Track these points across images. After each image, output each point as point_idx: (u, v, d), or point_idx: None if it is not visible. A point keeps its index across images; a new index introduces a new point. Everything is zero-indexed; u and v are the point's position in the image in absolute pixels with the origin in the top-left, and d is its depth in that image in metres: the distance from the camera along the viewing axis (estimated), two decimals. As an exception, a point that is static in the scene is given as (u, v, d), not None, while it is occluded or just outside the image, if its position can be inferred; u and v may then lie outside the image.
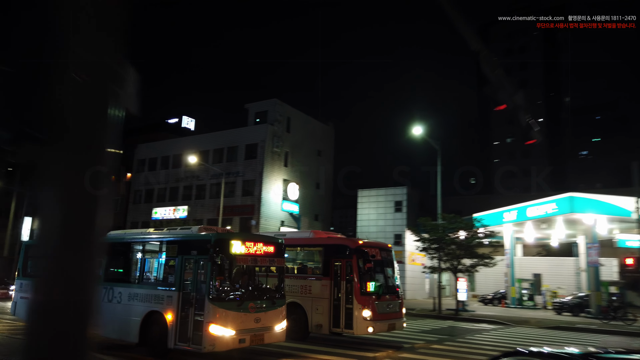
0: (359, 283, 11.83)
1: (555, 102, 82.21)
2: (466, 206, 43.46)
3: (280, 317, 10.11)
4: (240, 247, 9.53)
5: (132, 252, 11.35)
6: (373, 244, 13.49)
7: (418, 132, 25.21)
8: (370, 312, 11.69)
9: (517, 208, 30.07)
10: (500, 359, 4.68)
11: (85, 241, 2.14)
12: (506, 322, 20.41)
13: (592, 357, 4.11)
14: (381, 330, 12.36)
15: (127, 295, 10.53)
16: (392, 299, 12.71)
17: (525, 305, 31.06)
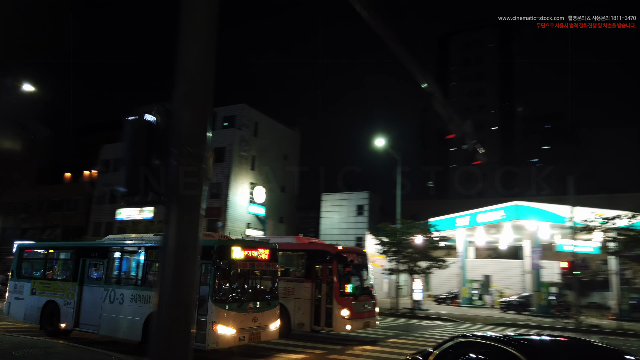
0: (339, 285, 13.04)
1: (509, 111, 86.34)
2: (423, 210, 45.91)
3: (275, 316, 10.97)
4: (240, 253, 10.34)
5: (135, 256, 11.94)
6: (351, 250, 14.83)
7: (380, 144, 27.09)
8: (349, 312, 12.91)
9: (469, 214, 32.46)
10: (449, 342, 5.68)
11: (190, 262, 3.58)
12: (456, 320, 22.50)
13: (517, 337, 5.28)
14: (357, 328, 13.59)
15: (130, 296, 11.13)
16: (367, 300, 14.00)
17: (475, 305, 33.50)
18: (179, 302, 3.50)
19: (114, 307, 11.31)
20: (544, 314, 26.47)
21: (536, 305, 27.50)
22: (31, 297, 13.02)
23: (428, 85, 9.65)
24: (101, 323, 11.46)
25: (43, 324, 12.70)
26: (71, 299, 12.21)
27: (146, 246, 11.78)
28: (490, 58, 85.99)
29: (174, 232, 3.56)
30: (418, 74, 9.34)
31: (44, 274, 13.47)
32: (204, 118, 3.76)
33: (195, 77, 3.77)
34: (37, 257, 14.25)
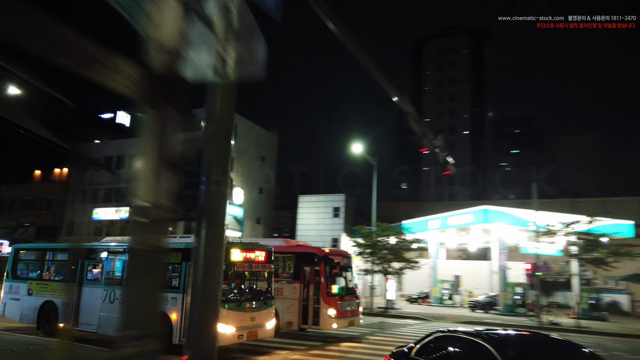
0: (326, 286, 13.71)
1: (480, 116, 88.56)
2: (397, 212, 47.31)
3: (271, 315, 11.47)
4: (239, 255, 10.86)
5: None
6: (337, 252, 15.41)
7: (357, 150, 28.09)
8: (335, 311, 13.60)
9: (441, 217, 33.79)
10: (429, 337, 6.32)
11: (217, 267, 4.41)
12: (427, 318, 23.67)
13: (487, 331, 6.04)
14: (343, 327, 14.27)
15: None
16: (352, 300, 14.74)
17: (446, 304, 34.87)
18: (208, 302, 4.33)
19: (114, 307, 11.68)
20: (510, 313, 27.98)
21: (502, 304, 28.99)
22: (28, 297, 13.31)
23: (404, 106, 10.66)
24: (101, 322, 11.80)
25: (40, 323, 12.98)
26: (70, 300, 12.58)
27: None
28: (463, 64, 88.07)
29: (203, 244, 4.39)
30: (395, 95, 10.31)
31: (41, 274, 13.75)
32: (226, 152, 4.60)
33: (219, 121, 4.61)
34: (33, 259, 14.47)
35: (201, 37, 2.32)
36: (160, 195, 2.04)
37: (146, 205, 2.03)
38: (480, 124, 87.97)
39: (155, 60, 2.05)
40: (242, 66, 2.42)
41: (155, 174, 2.03)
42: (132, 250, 2.01)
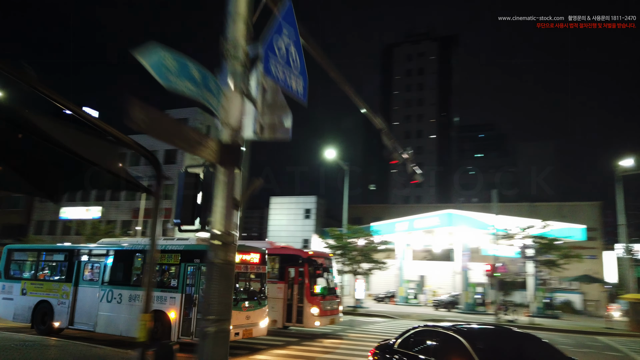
0: (309, 286, 14.44)
1: (446, 121, 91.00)
2: (366, 214, 48.82)
3: (264, 314, 11.90)
4: (236, 257, 11.57)
5: (133, 259, 12.47)
6: (319, 254, 16.12)
7: (330, 155, 29.25)
8: (318, 310, 14.32)
9: (408, 220, 35.34)
10: (410, 331, 6.94)
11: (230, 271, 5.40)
12: (394, 316, 25.00)
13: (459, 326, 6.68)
14: (325, 324, 15.00)
15: (128, 296, 11.85)
16: (333, 299, 15.49)
17: (411, 303, 36.47)
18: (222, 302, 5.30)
19: (112, 306, 11.98)
20: (470, 311, 29.72)
21: (464, 303, 30.70)
22: (21, 297, 13.61)
23: (378, 124, 11.80)
24: (98, 321, 12.08)
25: (35, 323, 13.26)
26: (66, 299, 12.84)
27: (144, 249, 12.35)
28: (431, 70, 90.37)
29: None
30: (369, 114, 11.42)
31: (35, 275, 14.02)
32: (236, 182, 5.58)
33: None
34: (27, 259, 14.67)
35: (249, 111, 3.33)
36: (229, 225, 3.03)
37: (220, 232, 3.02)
38: (447, 129, 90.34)
39: (225, 135, 3.05)
40: (274, 131, 3.43)
41: (226, 211, 3.03)
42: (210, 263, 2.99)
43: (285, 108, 3.43)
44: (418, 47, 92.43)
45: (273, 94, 3.39)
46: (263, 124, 3.34)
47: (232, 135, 3.07)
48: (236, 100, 3.07)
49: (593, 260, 45.96)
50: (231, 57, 3.10)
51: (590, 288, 41.42)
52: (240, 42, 3.12)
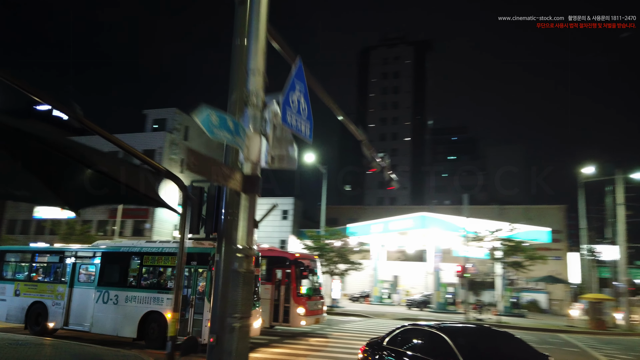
0: (295, 287, 14.92)
1: (420, 124, 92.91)
2: (342, 215, 49.75)
3: (257, 315, 12.15)
4: None
5: (130, 261, 12.70)
6: (305, 256, 16.67)
7: (309, 159, 30.01)
8: (304, 310, 14.81)
9: (383, 222, 36.41)
10: (397, 329, 7.37)
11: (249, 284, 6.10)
12: (369, 315, 25.96)
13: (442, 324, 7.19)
14: (310, 324, 15.51)
15: (124, 297, 12.05)
16: (318, 299, 16.07)
17: (385, 302, 37.57)
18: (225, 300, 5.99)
19: (107, 307, 12.20)
20: (442, 310, 30.94)
21: (436, 302, 31.92)
22: (15, 298, 13.74)
23: (358, 135, 12.62)
24: (94, 322, 12.28)
25: (29, 323, 13.34)
26: (60, 300, 13.00)
27: (142, 252, 12.63)
28: (406, 74, 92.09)
29: (222, 256, 6.03)
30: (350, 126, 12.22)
31: (29, 276, 14.14)
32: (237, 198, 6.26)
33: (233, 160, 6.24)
34: (20, 261, 14.74)
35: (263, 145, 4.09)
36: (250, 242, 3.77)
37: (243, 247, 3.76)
38: (421, 131, 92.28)
39: (246, 168, 3.79)
40: (283, 161, 4.19)
41: (247, 230, 3.77)
42: (235, 271, 3.73)
43: (292, 142, 4.18)
44: (394, 50, 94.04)
45: (282, 131, 4.14)
46: (274, 156, 4.08)
47: (252, 168, 3.80)
48: (255, 139, 3.81)
49: (558, 261, 48.04)
50: (252, 106, 3.84)
51: (555, 288, 43.29)
52: (259, 93, 3.86)
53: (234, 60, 6.15)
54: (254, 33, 4.16)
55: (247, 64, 4.01)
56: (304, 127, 4.18)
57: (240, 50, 6.19)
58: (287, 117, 3.96)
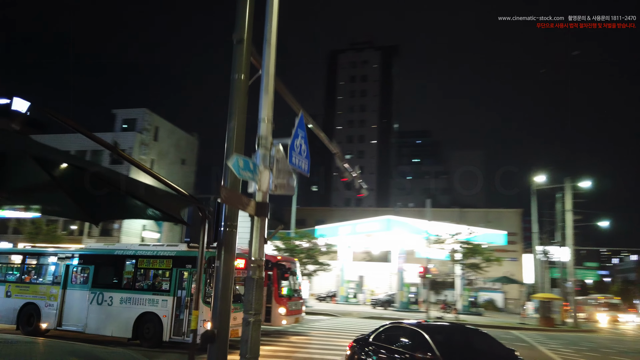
0: (277, 288, 15.51)
1: (386, 127, 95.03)
2: (310, 216, 50.95)
3: None
4: None
5: (125, 263, 12.93)
6: (286, 259, 17.24)
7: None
8: (285, 310, 15.39)
9: (350, 224, 37.75)
10: (381, 327, 7.98)
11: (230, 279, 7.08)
12: (336, 314, 27.16)
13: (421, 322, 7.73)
14: (290, 323, 15.89)
15: (119, 299, 12.33)
16: (298, 300, 16.77)
17: (351, 302, 38.92)
18: (225, 300, 6.96)
19: (102, 308, 12.46)
20: (405, 309, 32.50)
21: (399, 301, 33.47)
22: (6, 299, 13.84)
23: (332, 148, 13.78)
24: (88, 322, 12.51)
25: (20, 324, 13.49)
26: (54, 301, 13.18)
27: (136, 254, 12.91)
28: (373, 77, 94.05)
29: (222, 263, 7.01)
30: (325, 141, 13.36)
31: (21, 277, 14.24)
32: (235, 211, 7.23)
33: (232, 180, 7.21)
34: (11, 262, 14.81)
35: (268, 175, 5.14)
36: (261, 255, 4.79)
37: (255, 259, 4.79)
38: (387, 134, 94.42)
39: (258, 197, 4.83)
40: (284, 188, 5.23)
41: (259, 245, 4.80)
42: (250, 278, 4.74)
43: (291, 173, 5.21)
44: (362, 54, 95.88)
45: (283, 164, 5.19)
46: (276, 184, 5.09)
47: (263, 196, 4.82)
48: (265, 174, 4.83)
49: (514, 262, 50.72)
50: (263, 147, 4.87)
51: (510, 288, 45.75)
52: (268, 138, 4.87)
53: (232, 92, 7.18)
54: (264, 89, 5.16)
55: (259, 113, 5.03)
56: (304, 164, 5.24)
57: (238, 84, 7.22)
58: (293, 159, 5.00)
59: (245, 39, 7.38)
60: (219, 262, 6.98)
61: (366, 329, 19.67)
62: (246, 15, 7.41)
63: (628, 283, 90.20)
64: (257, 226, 4.80)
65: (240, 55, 7.34)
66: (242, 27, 7.41)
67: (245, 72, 7.27)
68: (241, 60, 7.32)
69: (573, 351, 16.48)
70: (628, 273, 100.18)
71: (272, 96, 5.22)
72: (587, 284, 73.04)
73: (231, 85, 7.22)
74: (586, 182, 29.33)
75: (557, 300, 28.72)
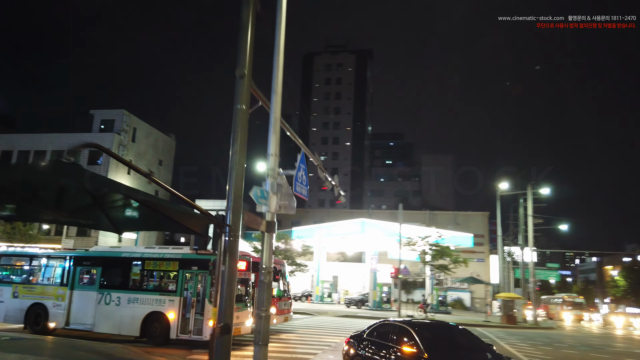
0: None
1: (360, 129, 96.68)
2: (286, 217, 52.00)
3: (249, 315, 13.05)
4: None
5: (132, 265, 13.35)
6: (277, 262, 17.60)
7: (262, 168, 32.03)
8: (275, 309, 15.65)
9: (326, 226, 39.14)
10: (374, 324, 8.75)
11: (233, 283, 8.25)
12: (313, 313, 28.39)
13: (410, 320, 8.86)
14: (280, 322, 16.54)
15: (127, 299, 12.81)
16: (287, 300, 17.48)
17: (325, 301, 40.23)
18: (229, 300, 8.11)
19: (110, 308, 12.90)
20: (378, 308, 34.01)
21: (372, 301, 34.97)
22: (13, 300, 14.19)
23: (315, 161, 14.98)
24: (96, 322, 12.96)
25: (28, 323, 13.83)
26: (61, 301, 13.55)
27: (143, 257, 13.39)
28: (348, 81, 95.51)
29: (227, 267, 8.13)
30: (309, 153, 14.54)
31: (28, 278, 14.60)
32: (239, 218, 8.43)
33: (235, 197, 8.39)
34: (18, 264, 15.11)
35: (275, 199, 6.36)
36: (270, 263, 6.00)
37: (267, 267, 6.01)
38: (361, 137, 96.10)
39: (268, 216, 6.04)
40: (286, 208, 6.45)
41: (268, 255, 6.01)
42: (262, 282, 5.94)
43: (292, 196, 6.43)
44: (337, 57, 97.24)
45: (286, 188, 6.41)
46: (280, 205, 6.32)
47: (271, 216, 6.03)
48: (273, 198, 6.04)
49: (481, 262, 53.07)
50: (271, 177, 6.09)
51: (477, 287, 47.92)
52: (275, 169, 6.09)
53: (235, 120, 8.33)
54: (272, 131, 6.38)
55: (268, 149, 6.25)
56: (304, 191, 6.50)
57: (240, 114, 8.38)
58: (297, 187, 6.25)
59: (247, 74, 8.55)
60: (224, 267, 8.08)
61: (344, 326, 21.13)
62: (247, 55, 8.54)
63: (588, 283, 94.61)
64: (267, 240, 6.00)
65: (242, 89, 8.49)
66: (244, 64, 8.54)
67: (246, 103, 8.42)
68: (243, 93, 8.47)
69: (529, 345, 18.19)
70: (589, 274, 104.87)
71: (278, 136, 6.44)
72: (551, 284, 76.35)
73: (234, 114, 8.37)
74: (545, 189, 31.45)
75: (518, 299, 30.68)
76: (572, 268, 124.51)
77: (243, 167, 8.14)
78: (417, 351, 7.08)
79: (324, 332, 18.39)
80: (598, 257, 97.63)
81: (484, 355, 7.44)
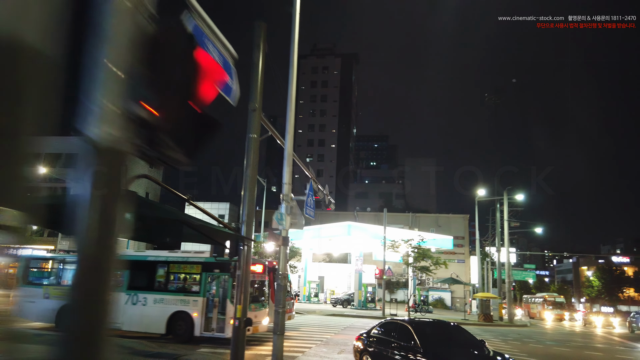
0: (273, 290, 16.18)
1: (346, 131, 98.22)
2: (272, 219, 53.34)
3: (266, 314, 13.85)
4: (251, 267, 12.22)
5: (157, 268, 14.25)
6: None
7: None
8: None
9: (315, 228, 40.64)
10: (379, 322, 9.89)
11: (248, 282, 9.84)
12: (302, 312, 29.90)
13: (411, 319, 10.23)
14: None
15: (153, 299, 13.73)
16: (289, 300, 18.12)
17: (312, 301, 41.79)
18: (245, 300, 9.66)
19: (137, 307, 13.73)
20: (363, 308, 35.70)
21: (357, 300, 36.64)
22: (44, 300, 14.93)
23: (309, 174, 16.56)
24: (124, 320, 13.68)
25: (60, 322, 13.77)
26: None
27: (168, 260, 14.27)
28: (333, 84, 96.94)
29: (242, 271, 9.68)
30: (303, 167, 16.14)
31: (58, 280, 15.46)
32: (251, 230, 9.96)
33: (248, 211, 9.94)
34: (47, 267, 16.03)
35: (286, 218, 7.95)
36: (286, 269, 7.58)
37: (283, 272, 7.61)
38: (346, 139, 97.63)
39: (283, 233, 7.63)
40: (295, 225, 8.03)
41: (284, 263, 7.60)
42: (279, 285, 7.50)
43: (301, 215, 8.01)
44: (323, 60, 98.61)
45: (295, 209, 8.00)
46: (292, 223, 7.91)
47: (285, 233, 7.63)
48: (287, 218, 7.63)
49: (462, 263, 55.21)
50: (286, 201, 7.67)
51: (457, 287, 49.94)
52: (289, 195, 7.68)
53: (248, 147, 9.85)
54: (286, 162, 7.95)
55: (282, 179, 7.83)
56: (312, 212, 8.11)
57: (252, 142, 9.91)
58: (307, 210, 7.84)
59: (258, 107, 10.09)
60: (240, 272, 9.60)
61: (332, 324, 22.78)
62: (257, 91, 10.08)
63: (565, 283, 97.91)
64: (282, 251, 7.58)
65: (254, 120, 10.05)
66: (255, 99, 10.10)
67: (257, 133, 9.96)
68: (254, 124, 10.03)
69: (500, 340, 20.05)
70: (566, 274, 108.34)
71: (291, 168, 8.02)
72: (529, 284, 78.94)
73: (247, 142, 9.91)
74: (520, 194, 33.54)
75: (495, 298, 32.67)
76: (550, 268, 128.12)
77: (254, 188, 9.68)
78: (413, 345, 8.03)
79: (314, 329, 19.97)
80: (574, 258, 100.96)
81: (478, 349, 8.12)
